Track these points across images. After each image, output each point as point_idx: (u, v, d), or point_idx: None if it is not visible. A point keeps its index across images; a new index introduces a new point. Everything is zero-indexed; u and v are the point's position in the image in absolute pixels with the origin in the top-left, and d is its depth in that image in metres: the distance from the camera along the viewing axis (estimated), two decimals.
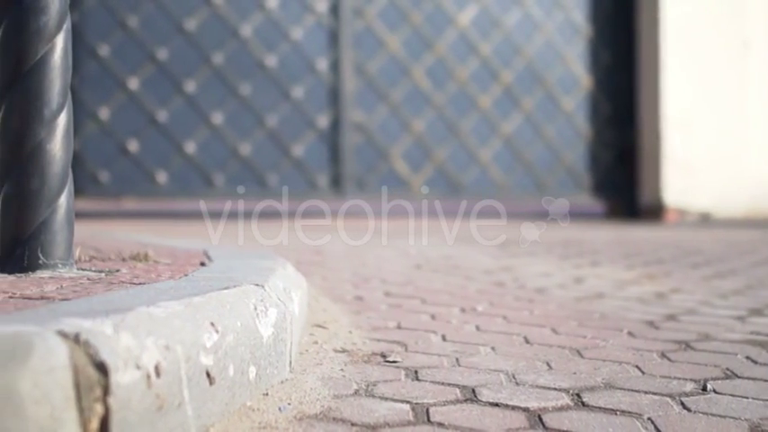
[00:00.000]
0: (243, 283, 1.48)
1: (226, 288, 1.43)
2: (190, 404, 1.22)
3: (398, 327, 1.99)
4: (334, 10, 5.74)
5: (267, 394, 1.42)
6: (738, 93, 6.35)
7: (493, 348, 1.80)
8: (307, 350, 1.71)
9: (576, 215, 6.34)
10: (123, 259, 1.93)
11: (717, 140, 6.27)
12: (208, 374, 1.27)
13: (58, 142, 1.68)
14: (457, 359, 1.70)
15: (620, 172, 6.35)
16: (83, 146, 5.24)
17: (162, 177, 5.39)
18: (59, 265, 1.68)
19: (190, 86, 5.46)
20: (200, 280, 1.56)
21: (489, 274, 2.80)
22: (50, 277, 1.61)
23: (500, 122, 6.09)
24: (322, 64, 5.72)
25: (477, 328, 2.00)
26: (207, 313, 1.31)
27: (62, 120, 1.70)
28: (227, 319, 1.34)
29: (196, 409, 1.23)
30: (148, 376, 1.14)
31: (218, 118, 5.50)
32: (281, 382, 1.49)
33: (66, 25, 1.72)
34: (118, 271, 1.73)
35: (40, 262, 1.67)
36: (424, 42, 5.95)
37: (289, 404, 1.39)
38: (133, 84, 5.35)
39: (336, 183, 5.71)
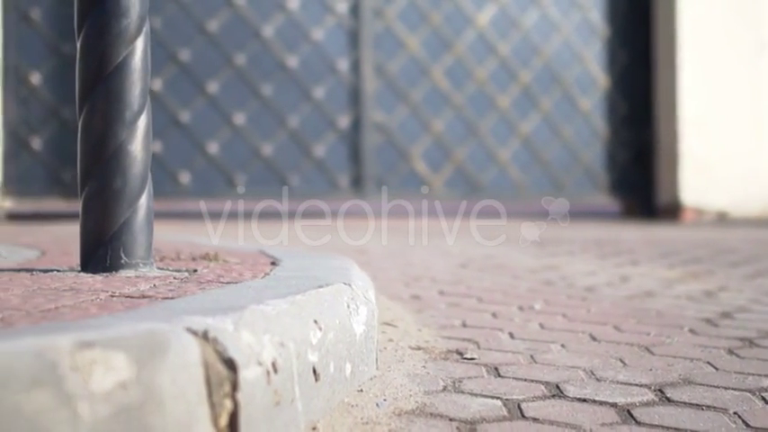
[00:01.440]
0: (335, 282, 1.50)
1: (320, 287, 1.45)
2: (300, 400, 1.25)
3: (464, 325, 2.01)
4: (355, 11, 5.77)
5: (362, 390, 1.45)
6: (755, 93, 6.37)
7: (563, 346, 1.83)
8: (385, 347, 1.73)
9: (594, 215, 6.37)
10: (193, 259, 1.95)
11: (733, 140, 6.29)
12: (314, 371, 1.30)
13: (138, 143, 1.71)
14: (532, 356, 1.73)
15: (636, 171, 6.38)
16: None
17: (185, 178, 5.41)
18: (140, 265, 1.70)
19: (212, 87, 5.48)
20: (287, 279, 1.58)
21: (535, 273, 2.83)
22: (137, 276, 1.63)
23: (518, 122, 6.12)
24: (343, 64, 5.74)
25: (541, 326, 2.02)
26: (310, 311, 1.34)
27: (142, 121, 1.72)
28: (327, 317, 1.36)
29: (305, 405, 1.26)
30: (268, 373, 1.16)
31: (240, 118, 5.52)
32: (371, 378, 1.52)
33: (146, 28, 1.74)
34: (196, 271, 1.75)
35: (123, 261, 1.69)
36: (443, 43, 5.97)
37: (384, 400, 1.42)
38: (156, 85, 5.37)
39: (357, 183, 5.74)
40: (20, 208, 5.19)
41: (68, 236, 3.11)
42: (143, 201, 1.72)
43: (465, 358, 1.70)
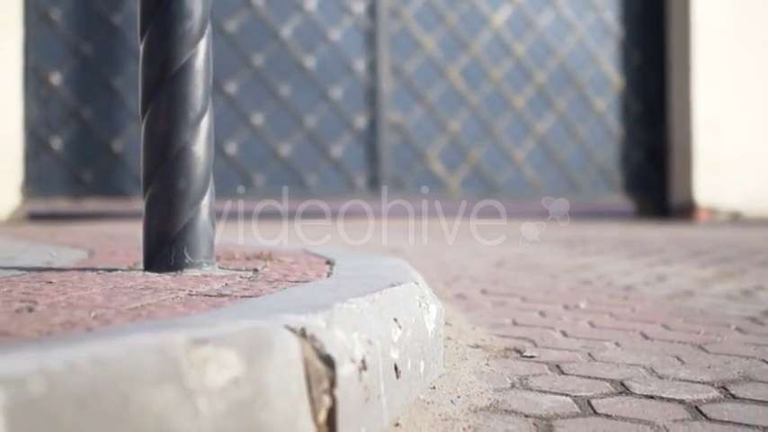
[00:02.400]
0: (406, 281, 1.52)
1: (393, 285, 1.47)
2: (384, 396, 1.27)
3: (514, 323, 2.04)
4: (371, 11, 5.79)
5: (434, 388, 1.47)
6: None
7: (617, 344, 1.85)
8: (445, 345, 1.75)
9: (607, 214, 6.40)
10: (248, 258, 1.97)
11: (747, 140, 6.32)
12: (396, 368, 1.32)
13: (202, 144, 1.73)
14: (589, 354, 1.75)
15: (650, 171, 6.41)
16: (126, 148, 5.28)
17: None
18: (204, 264, 1.72)
19: (230, 87, 5.50)
20: (354, 278, 1.60)
21: (571, 273, 2.85)
22: (204, 276, 1.65)
23: (534, 122, 6.14)
24: (359, 65, 5.76)
25: (591, 324, 2.04)
26: (390, 309, 1.36)
27: (205, 122, 1.74)
28: (405, 315, 1.39)
29: (388, 402, 1.28)
30: (360, 370, 1.18)
31: (258, 119, 5.54)
32: (440, 376, 1.54)
33: (208, 30, 1.77)
34: (257, 270, 1.77)
35: (187, 261, 1.71)
36: (459, 43, 5.99)
37: (458, 397, 1.44)
38: None
39: (374, 183, 5.76)
40: (40, 208, 5.21)
41: (103, 235, 3.14)
42: (206, 201, 1.74)
43: (525, 356, 1.72)
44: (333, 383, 1.11)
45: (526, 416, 1.36)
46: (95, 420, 0.83)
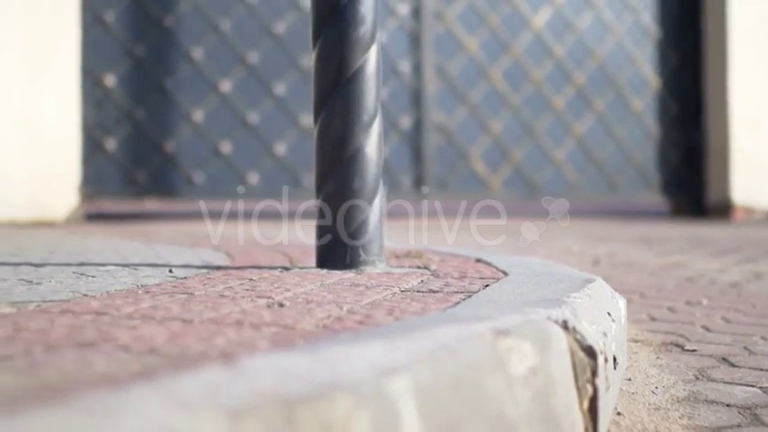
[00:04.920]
0: (596, 278, 1.58)
1: (588, 281, 1.54)
2: (612, 386, 1.33)
3: (652, 319, 2.10)
4: (416, 13, 5.85)
5: (630, 379, 1.53)
6: None
7: (764, 338, 1.91)
8: None
9: (644, 213, 6.47)
10: (397, 257, 2.03)
11: None
12: (614, 359, 1.38)
13: (374, 146, 1.79)
14: (746, 348, 1.81)
15: (687, 171, 6.49)
16: (178, 148, 5.33)
17: (253, 179, 5.48)
18: (377, 262, 1.78)
19: (279, 89, 5.55)
20: (540, 275, 1.66)
21: (668, 271, 2.92)
22: (387, 273, 1.71)
23: (573, 123, 6.21)
24: (405, 66, 5.83)
25: (725, 319, 2.11)
26: (602, 304, 1.42)
27: (376, 125, 1.80)
28: (614, 310, 1.45)
29: (612, 391, 1.34)
30: (605, 360, 1.25)
31: (306, 119, 5.59)
32: (626, 368, 1.60)
33: (378, 36, 1.82)
34: (420, 267, 1.83)
35: (362, 259, 1.77)
36: (500, 44, 6.06)
37: (656, 388, 1.50)
38: (225, 86, 5.44)
39: (419, 183, 5.82)
40: (97, 208, 5.25)
41: (197, 235, 3.18)
42: (377, 201, 1.80)
43: (687, 350, 1.78)
44: (594, 373, 1.18)
45: (727, 405, 1.43)
46: (463, 404, 0.89)
